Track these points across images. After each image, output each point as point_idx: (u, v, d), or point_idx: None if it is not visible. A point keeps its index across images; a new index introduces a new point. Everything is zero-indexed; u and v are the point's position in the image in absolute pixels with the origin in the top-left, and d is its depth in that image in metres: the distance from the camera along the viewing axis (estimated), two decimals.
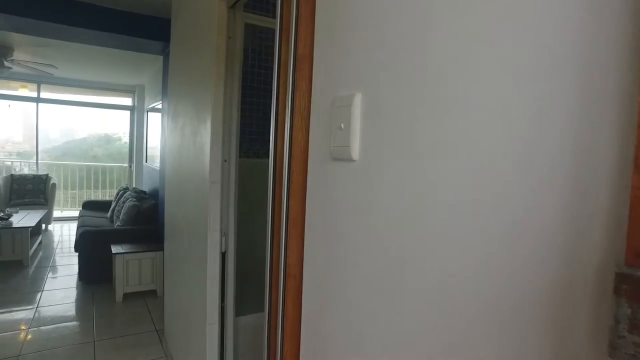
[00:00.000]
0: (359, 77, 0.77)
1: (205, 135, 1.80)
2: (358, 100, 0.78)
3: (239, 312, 1.96)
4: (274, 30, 1.12)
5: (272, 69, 1.14)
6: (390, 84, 0.68)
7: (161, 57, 4.55)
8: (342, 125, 0.82)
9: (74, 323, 3.12)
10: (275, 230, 1.09)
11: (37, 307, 3.37)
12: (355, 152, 0.79)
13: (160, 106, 5.04)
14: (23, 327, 2.99)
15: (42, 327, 3.01)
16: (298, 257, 1.00)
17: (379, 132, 0.71)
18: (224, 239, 1.79)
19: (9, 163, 7.47)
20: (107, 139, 8.82)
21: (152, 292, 3.72)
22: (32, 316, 3.18)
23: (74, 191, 8.04)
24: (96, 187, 8.14)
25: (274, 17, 1.10)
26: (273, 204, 1.08)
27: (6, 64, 5.11)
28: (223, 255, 1.80)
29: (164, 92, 4.27)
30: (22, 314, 3.23)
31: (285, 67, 1.03)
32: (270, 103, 1.12)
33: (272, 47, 1.10)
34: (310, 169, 0.96)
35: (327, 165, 0.88)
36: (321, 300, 0.89)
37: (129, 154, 7.79)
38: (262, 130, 2.94)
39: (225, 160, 1.77)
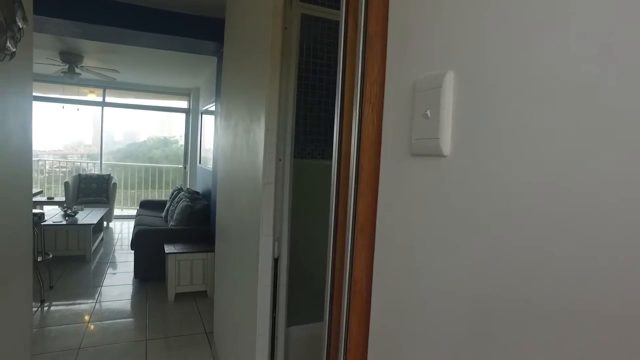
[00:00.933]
0: (452, 51, 0.61)
1: (259, 132, 1.70)
2: (450, 81, 0.62)
3: (290, 322, 1.84)
4: (332, 22, 0.98)
5: (329, 65, 0.99)
6: (501, 57, 0.51)
7: (215, 59, 4.60)
8: (429, 113, 0.66)
9: (129, 320, 3.17)
10: (338, 239, 0.95)
11: (96, 301, 3.48)
12: (447, 145, 0.63)
13: (213, 108, 5.11)
14: (84, 320, 3.08)
15: (100, 322, 3.08)
16: (366, 270, 0.85)
17: (481, 120, 0.55)
18: (276, 244, 1.68)
19: (78, 164, 7.99)
20: (165, 142, 9.22)
21: (203, 293, 3.72)
22: (92, 310, 3.28)
23: (133, 191, 8.43)
24: (153, 187, 8.49)
25: (334, 6, 0.96)
26: (336, 208, 0.94)
27: (77, 70, 5.42)
28: (275, 262, 1.69)
29: (218, 93, 4.30)
30: (83, 307, 3.35)
31: (352, 49, 0.89)
32: (328, 102, 0.99)
33: (331, 40, 0.97)
34: (383, 167, 0.80)
35: (405, 162, 0.73)
36: (395, 321, 0.74)
37: (184, 156, 8.04)
38: (317, 130, 2.82)
39: (280, 160, 1.66)
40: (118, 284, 3.99)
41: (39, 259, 3.71)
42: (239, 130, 2.13)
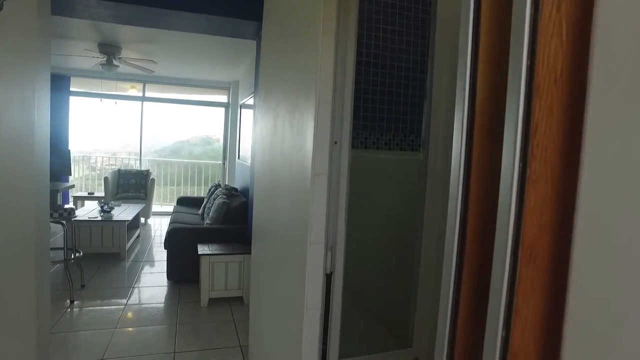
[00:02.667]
0: None
1: (308, 108, 1.29)
2: None
3: (342, 354, 1.43)
4: None
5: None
6: None
7: (254, 44, 4.26)
8: None
9: (158, 327, 2.88)
10: (464, 277, 0.52)
11: (126, 304, 3.23)
12: None
13: (252, 102, 4.80)
14: (112, 326, 2.82)
15: (128, 329, 2.81)
16: (538, 339, 0.42)
17: None
18: (329, 255, 1.27)
19: (127, 160, 7.98)
20: (208, 140, 9.11)
21: (239, 299, 3.39)
22: (120, 314, 3.02)
23: (172, 187, 8.35)
24: (192, 184, 8.37)
25: None
26: (462, 233, 0.52)
27: (115, 62, 5.29)
28: (328, 278, 1.28)
29: (256, 80, 3.96)
30: (113, 310, 3.10)
31: None
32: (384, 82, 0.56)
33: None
34: (586, 174, 0.37)
35: None
36: None
37: (222, 151, 7.84)
38: (375, 116, 2.39)
39: (336, 142, 1.25)
40: (151, 285, 3.74)
41: (71, 256, 3.52)
42: (280, 110, 1.74)
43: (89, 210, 4.89)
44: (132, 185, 6.63)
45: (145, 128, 7.54)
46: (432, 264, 1.71)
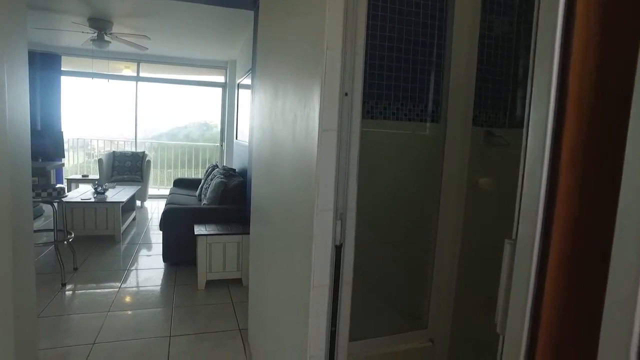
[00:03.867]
0: None
1: (314, 57, 1.12)
2: None
3: (352, 336, 1.28)
4: None
5: None
6: None
7: (252, 19, 4.04)
8: None
9: (153, 310, 2.74)
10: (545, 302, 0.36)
11: (120, 287, 3.09)
12: None
13: (249, 80, 4.59)
14: (105, 309, 2.68)
15: (121, 312, 2.67)
16: None
17: None
18: (339, 224, 1.11)
19: (122, 143, 7.77)
20: (207, 126, 8.87)
21: (237, 281, 3.25)
22: (114, 297, 2.88)
23: (169, 170, 8.18)
24: (190, 166, 8.20)
25: None
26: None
27: (106, 38, 5.05)
28: (337, 250, 1.12)
29: (254, 50, 3.75)
30: (106, 293, 2.96)
31: None
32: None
33: None
34: None
35: None
36: None
37: (220, 132, 7.65)
38: (382, 83, 2.21)
39: (347, 94, 1.07)
40: (146, 268, 3.60)
41: (62, 238, 3.37)
42: (282, 71, 1.56)
43: (82, 192, 4.72)
44: (127, 167, 6.45)
45: (141, 110, 7.32)
46: (450, 241, 1.56)
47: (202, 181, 5.00)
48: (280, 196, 1.53)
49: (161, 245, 3.60)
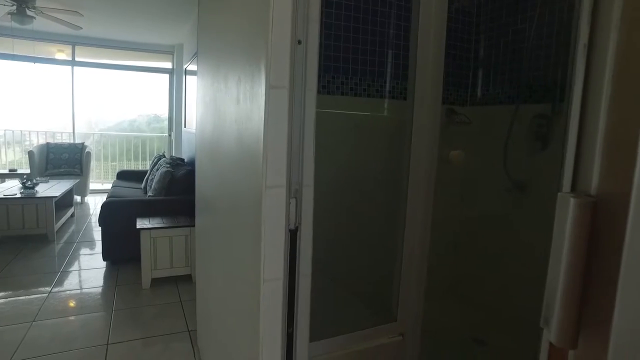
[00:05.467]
0: None
1: (259, 2, 0.90)
2: None
3: (314, 336, 1.09)
4: None
5: None
6: None
7: None
8: None
9: (89, 316, 2.42)
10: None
11: (50, 292, 2.72)
12: None
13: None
14: (27, 319, 2.32)
15: (48, 321, 2.33)
16: None
17: None
18: (293, 203, 0.91)
19: (55, 134, 7.06)
20: (157, 119, 8.26)
21: (187, 278, 2.98)
22: (40, 306, 2.52)
23: (114, 163, 7.60)
24: (136, 159, 7.67)
25: None
26: None
27: (29, 12, 4.48)
28: (293, 235, 0.92)
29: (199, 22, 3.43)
30: (30, 301, 2.58)
31: None
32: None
33: None
34: None
35: None
36: None
37: (168, 121, 7.18)
38: (339, 55, 2.02)
39: (300, 42, 0.87)
40: (84, 268, 3.23)
41: None
42: (227, 32, 1.32)
43: (6, 188, 4.20)
44: (64, 160, 5.88)
45: (82, 100, 6.70)
46: (420, 224, 1.40)
47: (148, 172, 4.61)
48: (225, 177, 1.31)
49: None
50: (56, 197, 3.93)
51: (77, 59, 6.54)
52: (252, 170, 0.94)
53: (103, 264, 3.29)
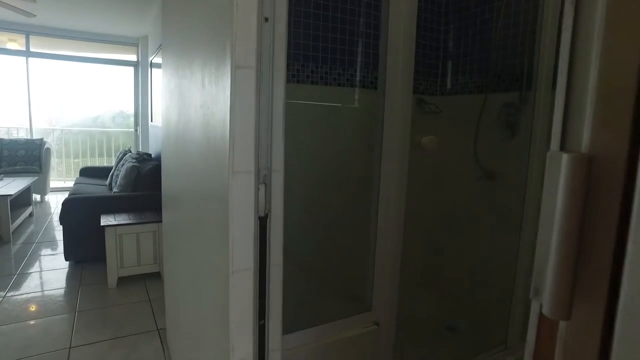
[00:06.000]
0: None
1: None
2: None
3: (288, 328, 1.06)
4: None
5: None
6: None
7: None
8: None
9: (50, 319, 2.29)
10: None
11: (4, 296, 2.56)
12: None
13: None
14: None
15: (3, 327, 2.19)
16: None
17: None
18: (262, 189, 0.86)
19: (2, 128, 6.66)
20: (123, 116, 7.91)
21: (155, 275, 2.88)
22: None
23: (77, 160, 7.27)
24: (101, 155, 7.37)
25: None
26: None
27: None
28: (262, 223, 0.88)
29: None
30: None
31: None
32: None
33: None
34: None
35: None
36: None
37: (134, 116, 6.92)
38: (308, 44, 1.98)
39: (267, 19, 0.82)
40: (44, 270, 3.06)
41: None
42: (190, 16, 1.25)
43: None
44: (20, 157, 5.56)
45: (40, 94, 6.35)
46: (393, 217, 1.39)
47: (113, 168, 4.43)
48: (191, 166, 1.25)
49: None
50: (11, 195, 3.71)
51: (32, 49, 6.19)
52: (219, 156, 0.89)
53: (65, 264, 3.13)
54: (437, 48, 2.42)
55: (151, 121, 5.65)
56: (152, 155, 4.62)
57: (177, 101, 1.44)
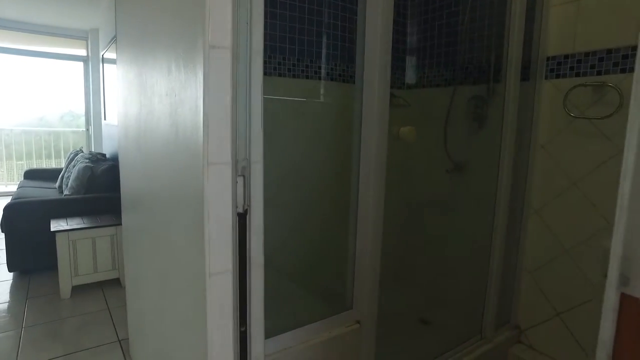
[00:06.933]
0: None
1: None
2: None
3: (270, 332, 0.98)
4: None
5: None
6: None
7: None
8: None
9: None
10: None
11: None
12: None
13: (114, 55, 3.86)
14: None
15: None
16: None
17: None
18: (241, 182, 0.79)
19: None
20: (73, 116, 7.40)
21: (114, 282, 2.69)
22: None
23: (21, 162, 6.76)
24: (49, 156, 6.89)
25: None
26: None
27: None
28: (242, 220, 0.80)
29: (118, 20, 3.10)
30: None
31: None
32: None
33: None
34: None
35: None
36: None
37: (85, 114, 6.52)
38: (275, 34, 1.90)
39: None
40: None
41: None
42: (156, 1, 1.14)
43: None
44: None
45: None
46: (372, 212, 1.34)
47: (63, 170, 4.12)
48: (156, 162, 1.14)
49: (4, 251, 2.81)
50: None
51: None
52: (191, 147, 0.80)
53: (9, 275, 2.87)
54: (403, 42, 2.42)
55: (105, 120, 5.34)
56: (107, 156, 4.36)
57: (137, 92, 1.32)
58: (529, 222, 1.76)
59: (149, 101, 1.16)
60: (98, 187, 3.11)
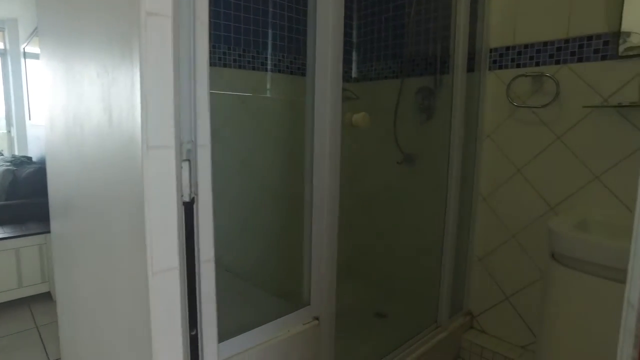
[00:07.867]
0: None
1: None
2: None
3: (224, 335, 0.90)
4: None
5: None
6: None
7: None
8: None
9: None
10: None
11: None
12: None
13: (37, 49, 3.51)
14: None
15: None
16: None
17: None
18: (186, 167, 0.71)
19: None
20: None
21: (44, 297, 2.43)
22: None
23: None
24: None
25: None
26: None
27: None
28: (188, 209, 0.72)
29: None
30: None
31: None
32: None
33: None
34: None
35: None
36: None
37: (5, 116, 5.90)
38: (219, 23, 1.80)
39: None
40: None
41: None
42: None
43: None
44: None
45: None
46: (327, 206, 1.29)
47: None
48: (88, 155, 1.01)
49: None
50: None
51: None
52: (126, 131, 0.71)
53: None
54: (350, 34, 2.41)
55: (29, 120, 4.87)
56: (34, 159, 3.96)
57: (64, 80, 1.17)
58: (478, 211, 1.81)
59: (78, 87, 1.03)
60: (22, 192, 2.80)
